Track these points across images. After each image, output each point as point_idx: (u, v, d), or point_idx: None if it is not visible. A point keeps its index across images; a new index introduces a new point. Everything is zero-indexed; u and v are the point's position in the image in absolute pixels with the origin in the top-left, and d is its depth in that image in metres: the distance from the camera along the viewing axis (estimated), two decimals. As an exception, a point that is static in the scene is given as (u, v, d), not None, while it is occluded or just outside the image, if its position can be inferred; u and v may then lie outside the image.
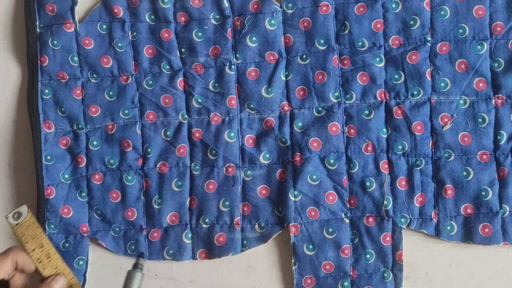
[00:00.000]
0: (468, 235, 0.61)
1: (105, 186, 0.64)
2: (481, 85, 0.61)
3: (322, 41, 0.63)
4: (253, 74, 0.63)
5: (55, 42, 0.63)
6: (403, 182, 0.62)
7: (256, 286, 0.64)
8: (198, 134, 0.64)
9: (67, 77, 0.64)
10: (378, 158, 0.62)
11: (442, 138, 0.61)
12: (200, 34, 0.63)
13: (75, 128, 0.64)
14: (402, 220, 0.61)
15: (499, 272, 0.62)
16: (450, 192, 0.61)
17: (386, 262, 0.61)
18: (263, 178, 0.63)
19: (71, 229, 0.63)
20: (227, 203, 0.63)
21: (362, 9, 0.62)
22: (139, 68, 0.64)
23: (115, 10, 0.63)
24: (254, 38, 0.63)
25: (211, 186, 0.63)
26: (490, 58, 0.61)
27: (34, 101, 0.64)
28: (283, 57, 0.63)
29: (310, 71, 0.63)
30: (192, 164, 0.64)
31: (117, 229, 0.64)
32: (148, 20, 0.64)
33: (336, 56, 0.63)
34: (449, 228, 0.61)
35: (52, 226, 0.63)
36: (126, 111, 0.64)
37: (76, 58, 0.64)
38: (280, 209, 0.63)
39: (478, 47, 0.61)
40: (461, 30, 0.61)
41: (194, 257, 0.63)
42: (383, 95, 0.62)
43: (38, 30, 0.64)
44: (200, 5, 0.63)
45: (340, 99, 0.63)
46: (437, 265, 0.62)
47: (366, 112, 0.62)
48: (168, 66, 0.64)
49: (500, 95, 0.61)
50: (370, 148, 0.62)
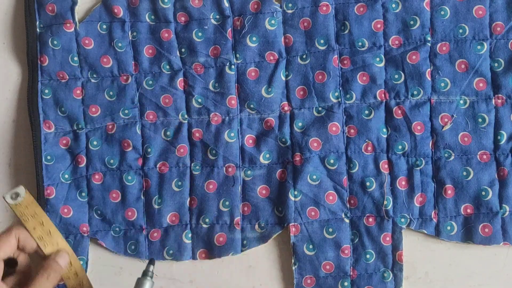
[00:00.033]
0: (468, 235, 0.61)
1: (105, 186, 0.64)
2: (481, 85, 0.61)
3: (322, 41, 0.63)
4: (253, 74, 0.63)
5: (55, 42, 0.63)
6: (403, 182, 0.62)
7: (256, 286, 0.64)
8: (198, 134, 0.64)
9: (67, 77, 0.64)
10: (378, 158, 0.62)
11: (442, 138, 0.61)
12: (200, 34, 0.63)
13: (75, 128, 0.64)
14: (402, 220, 0.61)
15: (499, 272, 0.62)
16: (450, 192, 0.61)
17: (386, 262, 0.61)
18: (263, 178, 0.63)
19: (71, 229, 0.63)
20: (227, 203, 0.63)
21: (362, 9, 0.62)
22: (139, 68, 0.64)
23: (115, 10, 0.63)
24: (254, 38, 0.63)
25: (211, 186, 0.63)
26: (490, 58, 0.61)
27: (34, 101, 0.64)
28: (283, 57, 0.63)
29: (310, 71, 0.63)
30: (192, 164, 0.64)
31: (117, 229, 0.64)
32: (148, 20, 0.64)
33: (336, 56, 0.63)
34: (449, 228, 0.61)
35: (52, 226, 0.63)
36: (126, 111, 0.64)
37: (76, 58, 0.64)
38: (280, 209, 0.63)
39: (478, 47, 0.61)
40: (461, 30, 0.61)
41: (194, 257, 0.63)
42: (383, 95, 0.62)
43: (38, 30, 0.64)
44: (200, 5, 0.63)
45: (340, 99, 0.63)
46: (437, 265, 0.62)
47: (366, 112, 0.62)
48: (168, 66, 0.64)
49: (500, 95, 0.61)
50: (370, 148, 0.62)
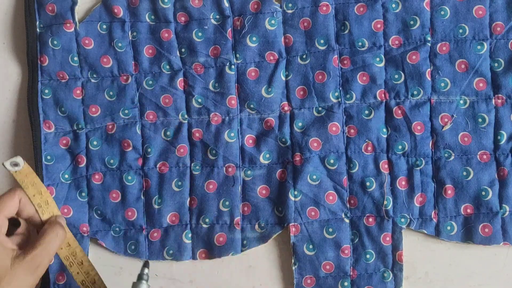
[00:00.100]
0: (468, 235, 0.61)
1: (105, 186, 0.64)
2: (481, 85, 0.61)
3: (322, 41, 0.63)
4: (253, 74, 0.63)
5: (55, 42, 0.63)
6: (403, 182, 0.62)
7: (256, 286, 0.64)
8: (198, 134, 0.64)
9: (67, 77, 0.64)
10: (378, 158, 0.62)
11: (442, 138, 0.61)
12: (200, 34, 0.63)
13: (75, 128, 0.64)
14: (402, 220, 0.61)
15: (499, 272, 0.62)
16: (450, 192, 0.61)
17: (386, 262, 0.61)
18: (263, 178, 0.63)
19: (71, 229, 0.63)
20: (227, 203, 0.63)
21: (362, 9, 0.62)
22: (139, 68, 0.64)
23: (115, 10, 0.63)
24: (254, 38, 0.63)
25: (211, 186, 0.63)
26: (490, 58, 0.61)
27: (34, 101, 0.64)
28: (283, 57, 0.63)
29: (310, 71, 0.63)
30: (192, 164, 0.64)
31: (117, 229, 0.64)
32: (148, 20, 0.64)
33: (336, 56, 0.63)
34: (449, 228, 0.61)
35: (52, 226, 0.63)
36: (126, 111, 0.64)
37: (76, 58, 0.64)
38: (280, 209, 0.63)
39: (478, 47, 0.61)
40: (461, 30, 0.61)
41: (194, 257, 0.63)
42: (383, 95, 0.62)
43: (38, 30, 0.64)
44: (200, 5, 0.63)
45: (340, 99, 0.63)
46: (437, 265, 0.62)
47: (366, 112, 0.62)
48: (168, 66, 0.64)
49: (500, 95, 0.61)
50: (370, 148, 0.62)
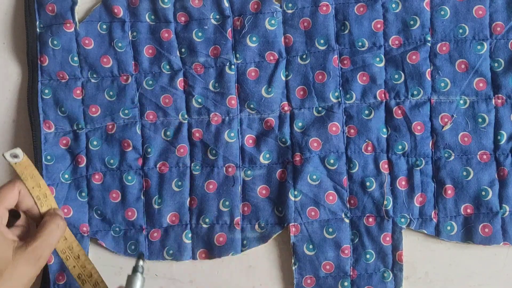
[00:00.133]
0: (468, 235, 0.61)
1: (105, 186, 0.64)
2: (481, 85, 0.61)
3: (322, 41, 0.63)
4: (253, 74, 0.63)
5: (55, 42, 0.63)
6: (403, 182, 0.62)
7: (256, 286, 0.64)
8: (198, 134, 0.64)
9: (67, 77, 0.64)
10: (378, 158, 0.62)
11: (442, 138, 0.61)
12: (200, 34, 0.63)
13: (75, 128, 0.64)
14: (402, 220, 0.61)
15: (499, 272, 0.62)
16: (450, 192, 0.61)
17: (386, 262, 0.61)
18: (263, 178, 0.63)
19: (71, 229, 0.63)
20: (227, 203, 0.63)
21: (362, 9, 0.62)
22: (139, 68, 0.64)
23: (115, 10, 0.63)
24: (254, 38, 0.63)
25: (211, 186, 0.63)
26: (490, 58, 0.61)
27: (34, 101, 0.64)
28: (283, 57, 0.63)
29: (310, 71, 0.63)
30: (192, 164, 0.64)
31: (117, 229, 0.64)
32: (148, 20, 0.64)
33: (336, 56, 0.63)
34: (449, 228, 0.61)
35: (52, 226, 0.63)
36: (126, 111, 0.64)
37: (76, 58, 0.64)
38: (280, 209, 0.63)
39: (478, 47, 0.61)
40: (461, 30, 0.61)
41: (194, 257, 0.63)
42: (383, 95, 0.62)
43: (38, 30, 0.64)
44: (200, 5, 0.63)
45: (340, 99, 0.63)
46: (437, 265, 0.62)
47: (366, 112, 0.62)
48: (168, 66, 0.64)
49: (500, 95, 0.61)
50: (370, 148, 0.62)
